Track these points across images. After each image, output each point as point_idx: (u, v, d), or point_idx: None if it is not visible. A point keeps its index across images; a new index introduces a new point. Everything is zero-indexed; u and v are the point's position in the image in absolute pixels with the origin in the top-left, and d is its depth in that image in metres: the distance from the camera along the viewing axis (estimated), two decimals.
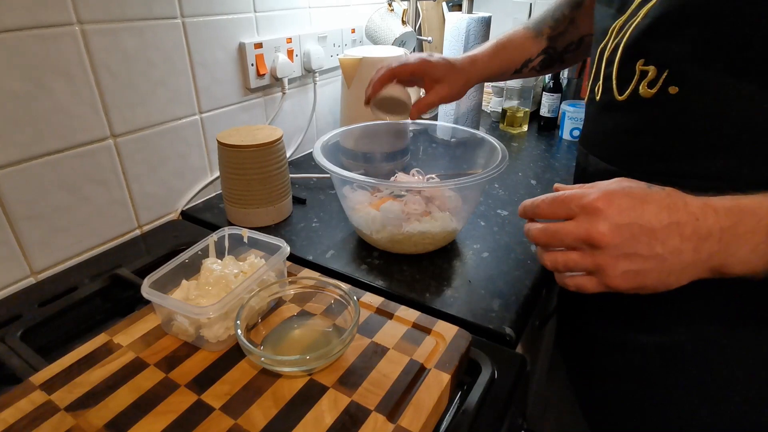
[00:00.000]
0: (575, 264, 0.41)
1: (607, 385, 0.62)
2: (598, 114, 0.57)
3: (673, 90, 0.47)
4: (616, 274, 0.39)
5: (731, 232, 0.38)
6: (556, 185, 0.48)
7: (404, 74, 0.74)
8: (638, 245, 0.38)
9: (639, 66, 0.50)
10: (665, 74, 0.48)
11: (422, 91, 0.79)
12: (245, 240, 0.59)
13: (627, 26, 0.51)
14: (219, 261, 0.56)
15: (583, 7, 0.74)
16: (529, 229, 0.46)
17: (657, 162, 0.51)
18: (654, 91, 0.49)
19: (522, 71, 0.80)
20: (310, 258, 0.71)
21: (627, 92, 0.52)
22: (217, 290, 0.51)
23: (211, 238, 0.58)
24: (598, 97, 0.56)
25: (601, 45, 0.56)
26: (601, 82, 0.55)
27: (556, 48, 0.78)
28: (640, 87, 0.50)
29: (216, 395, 0.43)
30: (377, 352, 0.48)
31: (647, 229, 0.38)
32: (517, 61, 0.79)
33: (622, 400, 0.60)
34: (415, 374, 0.46)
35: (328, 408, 0.42)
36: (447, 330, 0.51)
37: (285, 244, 0.56)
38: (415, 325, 0.52)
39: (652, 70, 0.49)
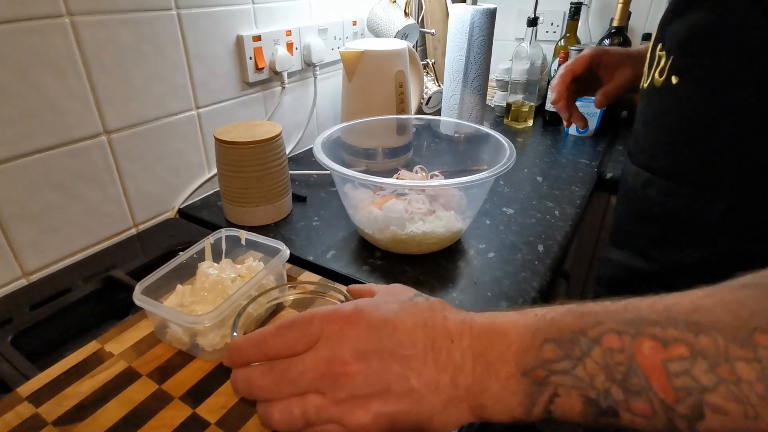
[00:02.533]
0: (316, 410, 0.30)
1: None
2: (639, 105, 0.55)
3: (674, 80, 0.45)
4: (366, 419, 0.30)
5: (482, 360, 0.31)
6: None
7: (581, 68, 0.70)
8: (390, 377, 0.30)
9: (658, 50, 0.48)
10: (670, 61, 0.46)
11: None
12: (243, 242, 0.57)
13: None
14: (215, 265, 0.54)
15: None
16: (247, 377, 0.32)
17: (667, 159, 0.49)
18: (662, 79, 0.47)
19: None
20: (311, 258, 0.69)
21: (648, 80, 0.50)
22: (213, 296, 0.49)
23: (207, 241, 0.56)
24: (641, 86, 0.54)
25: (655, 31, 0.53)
26: (645, 69, 0.53)
27: None
28: (656, 74, 0.48)
29: (211, 409, 0.41)
30: None
31: (399, 356, 0.31)
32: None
33: None
34: None
35: None
36: None
37: (284, 246, 0.54)
38: None
39: (663, 56, 0.47)
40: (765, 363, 0.24)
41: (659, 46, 0.48)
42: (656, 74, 0.49)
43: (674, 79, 0.46)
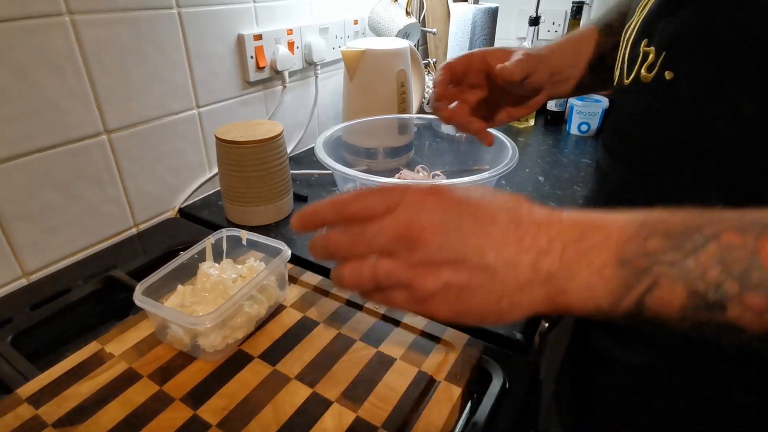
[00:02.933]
0: (386, 273, 0.30)
1: (616, 392, 0.60)
2: (613, 102, 0.55)
3: (669, 75, 0.45)
4: (435, 287, 0.29)
5: (574, 248, 0.29)
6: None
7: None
8: (467, 248, 0.29)
9: (643, 46, 0.47)
10: (662, 57, 0.45)
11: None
12: (244, 242, 0.56)
13: (647, 2, 0.48)
14: (216, 265, 0.53)
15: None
16: (325, 236, 0.33)
17: (659, 158, 0.48)
18: (652, 75, 0.46)
19: (598, 68, 0.67)
20: (312, 258, 0.68)
21: (632, 76, 0.50)
22: (214, 296, 0.48)
23: (208, 241, 0.55)
24: (615, 82, 0.53)
25: (627, 25, 0.52)
26: (619, 64, 0.52)
27: None
28: (642, 70, 0.48)
29: (212, 410, 0.41)
30: (383, 362, 0.46)
31: (479, 231, 0.30)
32: (589, 55, 0.67)
33: (630, 408, 0.58)
34: (424, 387, 0.43)
35: (332, 425, 0.40)
36: (457, 338, 0.48)
37: (286, 247, 0.53)
38: (423, 333, 0.49)
39: (652, 52, 0.46)
40: None
41: (644, 42, 0.48)
42: (643, 70, 0.48)
43: (668, 75, 0.45)
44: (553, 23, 1.40)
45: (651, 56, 0.46)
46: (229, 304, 0.45)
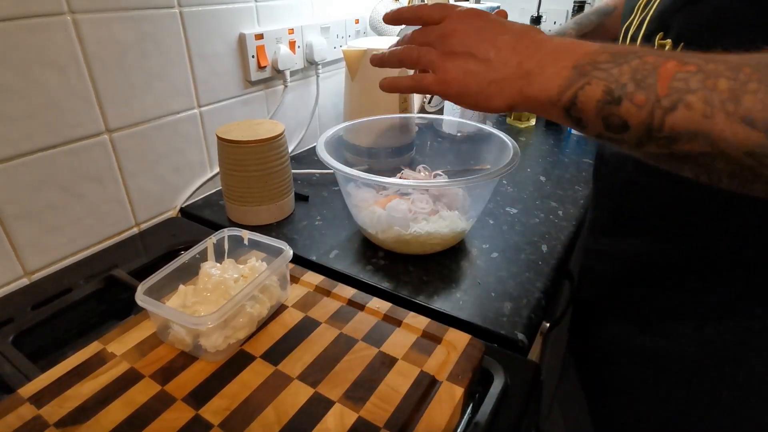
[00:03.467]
0: (425, 54, 0.45)
1: (618, 391, 0.60)
2: None
3: None
4: (452, 66, 0.43)
5: (551, 56, 0.39)
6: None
7: None
8: (478, 45, 0.42)
9: (657, 40, 0.49)
10: (679, 48, 0.46)
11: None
12: (245, 242, 0.56)
13: (653, 1, 0.50)
14: (218, 265, 0.53)
15: (614, 14, 0.72)
16: (405, 40, 0.49)
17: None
18: None
19: None
20: (313, 258, 0.68)
21: None
22: (216, 296, 0.48)
23: (210, 241, 0.55)
24: None
25: (627, 22, 0.54)
26: None
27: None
28: None
29: (214, 411, 0.41)
30: (385, 363, 0.46)
31: (492, 37, 0.42)
32: None
33: (632, 407, 0.58)
34: (426, 387, 0.43)
35: (334, 426, 0.39)
36: (458, 339, 0.48)
37: (288, 247, 0.53)
38: (425, 334, 0.49)
39: (668, 44, 0.47)
40: (737, 81, 0.30)
41: (659, 36, 0.49)
42: None
43: None
44: (555, 22, 1.39)
45: (668, 48, 0.47)
46: (230, 304, 0.45)
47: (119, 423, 0.40)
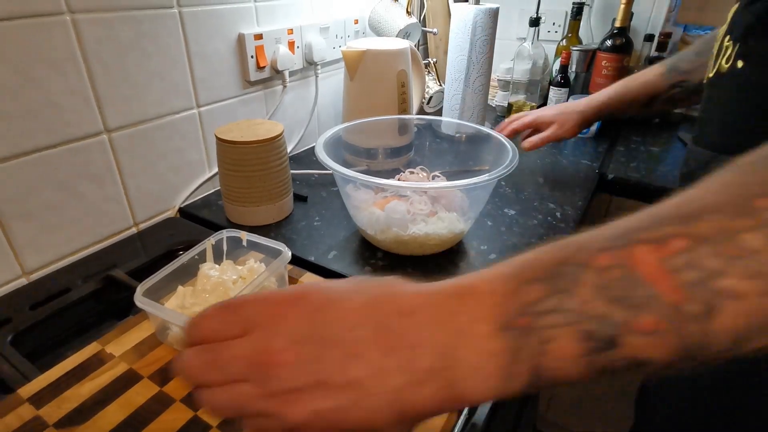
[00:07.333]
0: (246, 403, 0.26)
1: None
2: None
3: (740, 64, 0.48)
4: (303, 416, 0.25)
5: (448, 329, 0.25)
6: None
7: (523, 128, 0.93)
8: (327, 366, 0.26)
9: (726, 41, 0.51)
10: (737, 47, 0.48)
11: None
12: (244, 243, 0.57)
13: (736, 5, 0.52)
14: (216, 266, 0.53)
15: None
16: (182, 364, 0.28)
17: (731, 138, 0.52)
18: (728, 66, 0.50)
19: (651, 104, 0.82)
20: (312, 259, 0.68)
21: (715, 69, 0.53)
22: (215, 297, 0.48)
23: (209, 242, 0.55)
24: (705, 78, 0.58)
25: (721, 28, 0.56)
26: (710, 62, 0.56)
27: (691, 81, 0.76)
28: (722, 61, 0.51)
29: None
30: None
31: (340, 341, 0.26)
32: (642, 97, 0.82)
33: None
34: None
35: None
36: None
37: (286, 248, 0.53)
38: None
39: (730, 45, 0.50)
40: (763, 221, 0.21)
41: (727, 38, 0.51)
42: (722, 62, 0.52)
43: (740, 63, 0.49)
44: (554, 24, 1.40)
45: (729, 49, 0.50)
46: None
47: (118, 424, 0.40)
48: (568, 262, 0.25)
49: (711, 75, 0.54)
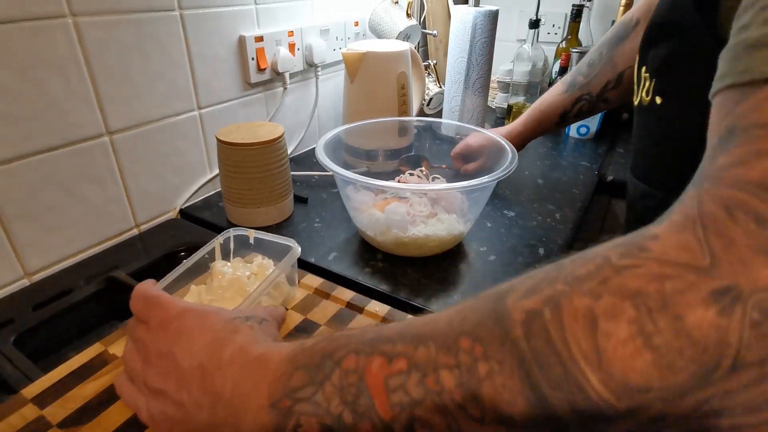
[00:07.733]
0: (132, 392, 0.35)
1: None
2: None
3: (658, 100, 0.47)
4: (155, 411, 0.33)
5: (240, 391, 0.30)
6: None
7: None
8: (170, 382, 0.32)
9: (643, 72, 0.50)
10: (653, 83, 0.48)
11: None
12: (251, 241, 0.57)
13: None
14: (228, 263, 0.54)
15: (628, 39, 0.73)
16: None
17: (660, 172, 0.50)
18: (648, 99, 0.49)
19: (564, 122, 0.84)
20: (312, 260, 0.69)
21: (638, 99, 0.53)
22: (232, 294, 0.49)
23: (217, 241, 0.56)
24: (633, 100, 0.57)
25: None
26: (634, 87, 0.56)
27: (591, 93, 0.79)
28: (642, 93, 0.50)
29: None
30: None
31: (179, 368, 0.32)
32: (553, 117, 0.83)
33: None
34: None
35: None
36: None
37: (296, 244, 0.53)
38: None
39: (647, 79, 0.49)
40: (463, 368, 0.23)
41: (643, 69, 0.51)
42: (643, 94, 0.51)
43: (658, 100, 0.48)
44: (553, 25, 1.40)
45: (647, 82, 0.49)
46: (249, 300, 0.45)
47: (121, 424, 0.40)
48: (331, 356, 0.28)
49: (636, 103, 0.54)
